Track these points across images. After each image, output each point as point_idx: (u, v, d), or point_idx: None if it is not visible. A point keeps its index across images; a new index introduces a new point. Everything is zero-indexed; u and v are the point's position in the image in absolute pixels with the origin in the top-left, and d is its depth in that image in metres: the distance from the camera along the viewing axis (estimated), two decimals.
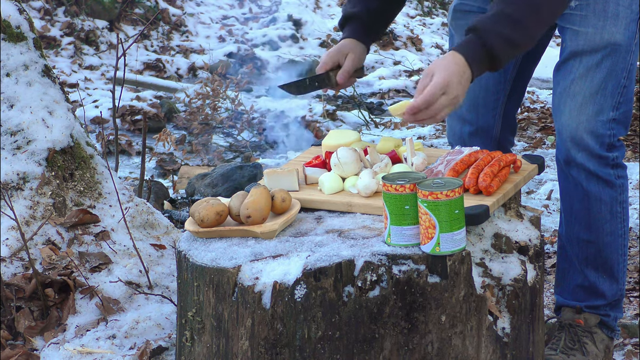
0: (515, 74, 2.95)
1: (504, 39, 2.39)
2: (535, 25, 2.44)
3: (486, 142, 2.97)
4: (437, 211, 2.08)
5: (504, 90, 2.96)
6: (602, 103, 2.68)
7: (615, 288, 2.85)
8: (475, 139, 2.96)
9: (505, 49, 2.39)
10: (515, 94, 3.00)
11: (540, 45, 2.92)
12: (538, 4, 2.42)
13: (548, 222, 4.57)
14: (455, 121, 3.02)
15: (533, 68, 3.01)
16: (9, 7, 3.13)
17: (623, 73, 2.69)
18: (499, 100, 2.96)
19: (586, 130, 2.68)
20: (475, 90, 2.93)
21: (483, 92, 2.94)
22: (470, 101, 2.95)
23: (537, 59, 2.98)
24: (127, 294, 2.85)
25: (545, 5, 2.44)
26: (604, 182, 2.73)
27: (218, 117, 7.01)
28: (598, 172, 2.71)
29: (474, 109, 2.96)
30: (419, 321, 2.12)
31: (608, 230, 2.79)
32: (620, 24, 2.66)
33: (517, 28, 2.40)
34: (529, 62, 2.96)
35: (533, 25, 2.43)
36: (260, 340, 2.14)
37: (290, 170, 2.46)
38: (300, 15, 10.41)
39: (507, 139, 3.05)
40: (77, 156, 3.12)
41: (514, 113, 3.05)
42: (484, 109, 2.96)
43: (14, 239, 2.88)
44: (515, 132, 3.10)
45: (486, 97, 2.95)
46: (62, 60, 8.59)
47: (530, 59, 2.95)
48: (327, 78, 2.77)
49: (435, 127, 6.85)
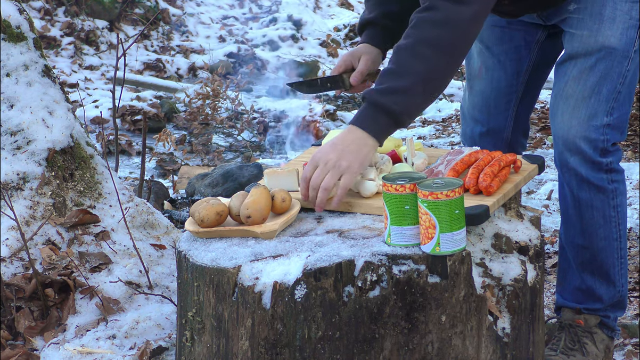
0: (528, 77, 2.95)
1: (389, 92, 2.32)
2: (419, 64, 2.33)
3: (497, 143, 2.96)
4: (437, 211, 2.08)
5: (516, 92, 2.95)
6: (595, 107, 2.66)
7: (612, 291, 2.85)
8: (487, 139, 2.96)
9: (396, 99, 2.31)
10: (528, 96, 2.99)
11: (553, 48, 2.91)
12: (412, 45, 2.36)
13: (548, 222, 4.57)
14: (468, 122, 3.02)
15: (547, 71, 2.98)
16: (9, 7, 3.13)
17: (619, 78, 2.67)
18: (511, 102, 2.96)
19: (578, 135, 2.66)
20: (487, 91, 2.93)
21: (495, 92, 2.94)
22: (482, 102, 2.96)
23: (551, 63, 2.95)
24: (127, 294, 2.85)
25: (420, 42, 2.35)
26: (595, 188, 2.71)
27: (218, 117, 7.01)
28: (590, 178, 2.70)
29: (485, 110, 2.96)
30: (419, 321, 2.12)
31: (602, 235, 2.78)
32: (616, 28, 2.65)
33: (399, 76, 2.33)
34: (542, 65, 2.95)
35: (416, 65, 2.34)
36: (261, 341, 2.14)
37: (290, 170, 2.46)
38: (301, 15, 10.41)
39: (519, 141, 3.04)
40: (77, 156, 3.12)
41: (527, 115, 3.04)
42: (496, 110, 2.96)
43: (14, 239, 2.88)
44: (528, 134, 3.08)
45: (498, 98, 2.95)
46: (62, 60, 8.59)
47: (544, 61, 2.94)
48: (340, 80, 2.75)
49: (435, 127, 6.85)
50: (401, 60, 2.36)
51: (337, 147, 2.33)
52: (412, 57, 2.34)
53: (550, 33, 2.88)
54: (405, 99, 2.33)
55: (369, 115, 2.34)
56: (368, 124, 2.34)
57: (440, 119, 7.20)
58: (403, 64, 2.35)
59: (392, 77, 2.34)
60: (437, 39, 2.35)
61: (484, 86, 2.95)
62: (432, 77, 2.36)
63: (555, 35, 2.87)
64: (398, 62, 2.36)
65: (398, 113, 2.33)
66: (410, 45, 2.36)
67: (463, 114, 3.06)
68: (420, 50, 2.35)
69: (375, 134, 2.34)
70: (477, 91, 2.96)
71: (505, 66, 2.91)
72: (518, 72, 2.92)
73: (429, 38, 2.35)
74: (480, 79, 2.95)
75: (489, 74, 2.93)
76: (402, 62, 2.35)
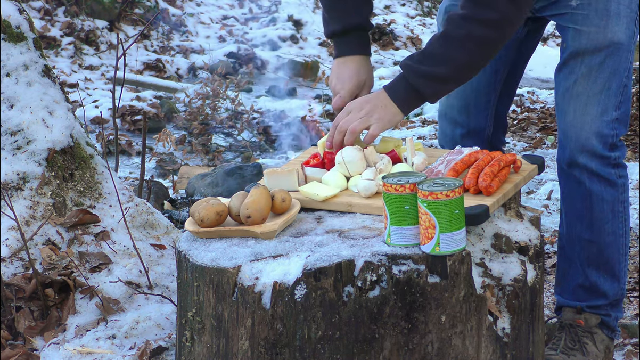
0: (507, 74, 2.95)
1: (425, 76, 2.46)
2: (462, 57, 2.46)
3: (478, 143, 2.95)
4: (437, 211, 2.08)
5: (495, 91, 2.95)
6: (606, 103, 2.68)
7: (616, 287, 2.85)
8: (468, 140, 2.96)
9: (430, 84, 2.47)
10: (506, 94, 3.00)
11: (531, 44, 2.92)
12: (461, 37, 2.45)
13: (548, 222, 4.57)
14: (447, 124, 3.00)
15: (523, 67, 3.00)
16: (9, 7, 3.13)
17: (624, 72, 2.69)
18: (490, 101, 2.96)
19: (591, 131, 2.67)
20: (467, 93, 2.92)
21: (474, 94, 2.93)
22: (462, 103, 2.95)
23: (528, 58, 2.97)
24: (127, 294, 2.85)
25: (469, 38, 2.45)
26: (606, 181, 2.73)
27: (218, 117, 7.01)
28: (600, 172, 2.71)
29: (465, 111, 2.96)
30: (419, 321, 2.12)
31: (609, 230, 2.79)
32: (622, 22, 2.65)
33: (440, 63, 2.46)
34: (519, 62, 2.96)
35: (459, 58, 2.46)
36: (260, 340, 2.14)
37: (290, 170, 2.46)
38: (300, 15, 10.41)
39: (499, 139, 3.05)
40: (77, 156, 3.12)
41: (505, 113, 3.05)
42: (476, 110, 2.96)
43: (14, 239, 2.88)
44: (507, 131, 3.11)
45: (477, 98, 2.94)
46: (62, 60, 8.60)
47: (522, 58, 2.95)
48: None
49: (435, 127, 6.85)
50: (448, 48, 2.47)
51: (371, 102, 2.51)
52: (458, 49, 2.46)
53: (530, 29, 2.88)
54: (438, 86, 2.50)
55: (401, 88, 2.50)
56: (399, 96, 2.49)
57: None
58: (447, 52, 2.47)
59: (434, 61, 2.47)
60: (486, 38, 2.46)
61: (462, 88, 2.93)
62: (469, 69, 2.51)
63: (534, 31, 2.88)
64: (444, 47, 2.47)
65: (429, 95, 2.50)
66: (461, 37, 2.45)
67: (441, 116, 3.03)
68: (467, 44, 2.45)
69: (402, 107, 2.50)
70: (456, 93, 2.91)
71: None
72: (496, 71, 2.91)
73: (480, 36, 2.44)
74: None
75: None
76: (448, 49, 2.47)
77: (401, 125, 6.95)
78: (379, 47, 10.06)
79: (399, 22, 10.72)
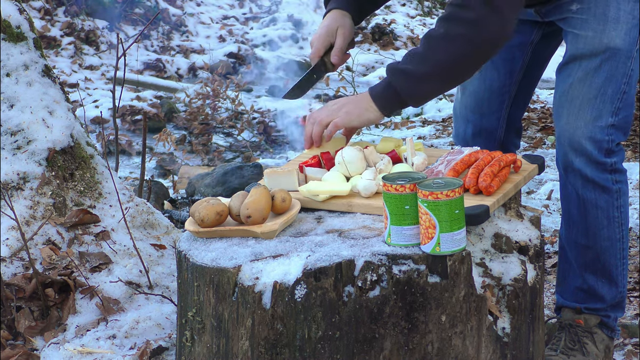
0: (522, 77, 2.94)
1: (405, 74, 2.47)
2: (441, 56, 2.46)
3: (489, 143, 2.96)
4: (437, 211, 2.08)
5: (508, 93, 2.95)
6: (601, 108, 2.67)
7: (614, 291, 2.85)
8: (479, 140, 2.96)
9: (408, 83, 2.48)
10: (521, 96, 2.99)
11: (547, 48, 2.91)
12: (439, 36, 2.46)
13: (548, 222, 4.57)
14: (460, 122, 3.02)
15: (540, 72, 2.99)
16: (9, 7, 3.13)
17: (623, 79, 2.68)
18: (504, 102, 2.96)
19: (584, 136, 2.67)
20: (480, 92, 2.93)
21: (487, 93, 2.94)
22: (475, 102, 2.95)
23: (544, 63, 2.96)
24: (127, 294, 2.85)
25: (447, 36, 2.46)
26: (600, 188, 2.72)
27: (218, 117, 7.01)
28: (595, 178, 2.70)
29: (478, 110, 2.96)
30: (419, 321, 2.12)
31: (605, 236, 2.78)
32: (620, 28, 2.65)
33: (420, 62, 2.47)
34: (535, 66, 2.95)
35: (439, 57, 2.46)
36: (261, 340, 2.14)
37: (290, 170, 2.46)
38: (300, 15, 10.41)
39: (512, 141, 3.04)
40: (77, 156, 3.12)
41: (520, 116, 3.04)
42: (488, 110, 2.96)
43: (14, 239, 2.88)
44: (521, 135, 3.09)
45: (490, 98, 2.94)
46: (62, 60, 8.60)
47: (537, 62, 2.94)
48: (322, 65, 2.76)
49: (435, 127, 6.85)
50: (428, 47, 2.48)
51: (348, 99, 2.57)
52: (437, 47, 2.47)
53: (545, 33, 2.88)
54: (416, 85, 2.49)
55: (380, 86, 2.53)
56: (377, 94, 2.52)
57: (440, 119, 7.21)
58: (427, 51, 2.48)
59: (415, 60, 2.49)
60: (463, 37, 2.45)
61: (476, 86, 2.94)
62: (451, 70, 2.49)
63: (550, 35, 2.87)
64: (425, 46, 2.49)
65: (405, 94, 2.49)
66: (440, 36, 2.46)
67: (455, 114, 3.05)
68: (445, 43, 2.46)
69: (379, 104, 2.52)
70: (470, 91, 2.95)
71: (498, 66, 2.91)
72: (511, 72, 2.92)
73: (457, 34, 2.45)
74: (473, 79, 2.94)
75: (482, 74, 2.93)
76: (429, 49, 2.47)
77: (401, 125, 6.95)
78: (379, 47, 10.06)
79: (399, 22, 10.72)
